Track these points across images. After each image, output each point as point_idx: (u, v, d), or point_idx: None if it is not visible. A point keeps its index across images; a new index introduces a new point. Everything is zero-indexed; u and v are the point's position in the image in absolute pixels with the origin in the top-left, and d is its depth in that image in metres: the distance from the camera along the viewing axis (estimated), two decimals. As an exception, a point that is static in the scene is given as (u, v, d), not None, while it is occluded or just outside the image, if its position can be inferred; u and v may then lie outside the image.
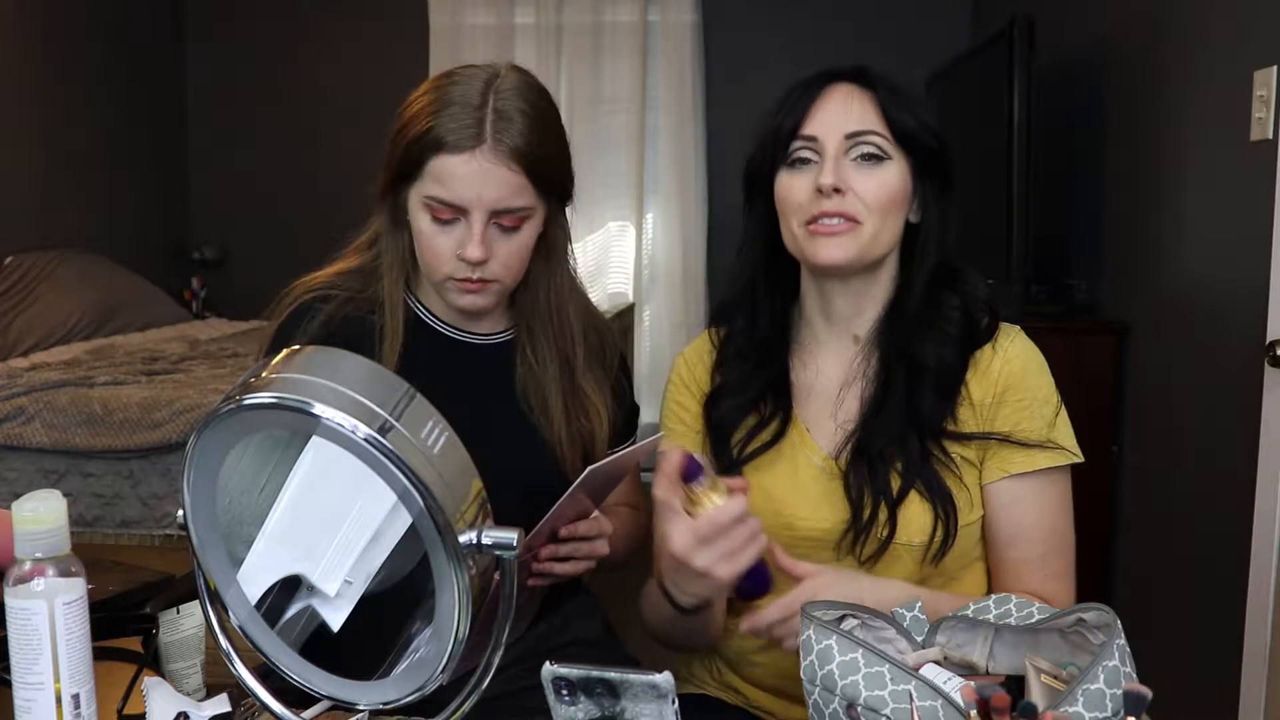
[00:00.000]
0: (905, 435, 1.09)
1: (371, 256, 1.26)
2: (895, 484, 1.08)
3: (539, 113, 1.15)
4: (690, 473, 0.93)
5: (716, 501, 0.94)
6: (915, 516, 1.08)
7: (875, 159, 1.09)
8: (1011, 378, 1.11)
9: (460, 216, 1.14)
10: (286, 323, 1.25)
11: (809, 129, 1.10)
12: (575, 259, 1.30)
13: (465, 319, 1.27)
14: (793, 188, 1.11)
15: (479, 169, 1.11)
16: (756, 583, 0.97)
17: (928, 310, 1.13)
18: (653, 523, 1.27)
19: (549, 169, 1.16)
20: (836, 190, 1.07)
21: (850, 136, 1.09)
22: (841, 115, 1.10)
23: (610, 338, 1.32)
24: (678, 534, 0.94)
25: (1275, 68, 1.88)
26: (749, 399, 1.16)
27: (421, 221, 1.16)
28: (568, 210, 1.26)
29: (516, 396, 1.24)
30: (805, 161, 1.10)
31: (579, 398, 1.24)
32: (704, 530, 0.93)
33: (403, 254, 1.23)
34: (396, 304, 1.23)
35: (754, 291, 1.19)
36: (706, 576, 0.95)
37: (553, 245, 1.25)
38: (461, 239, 1.14)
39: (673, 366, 1.27)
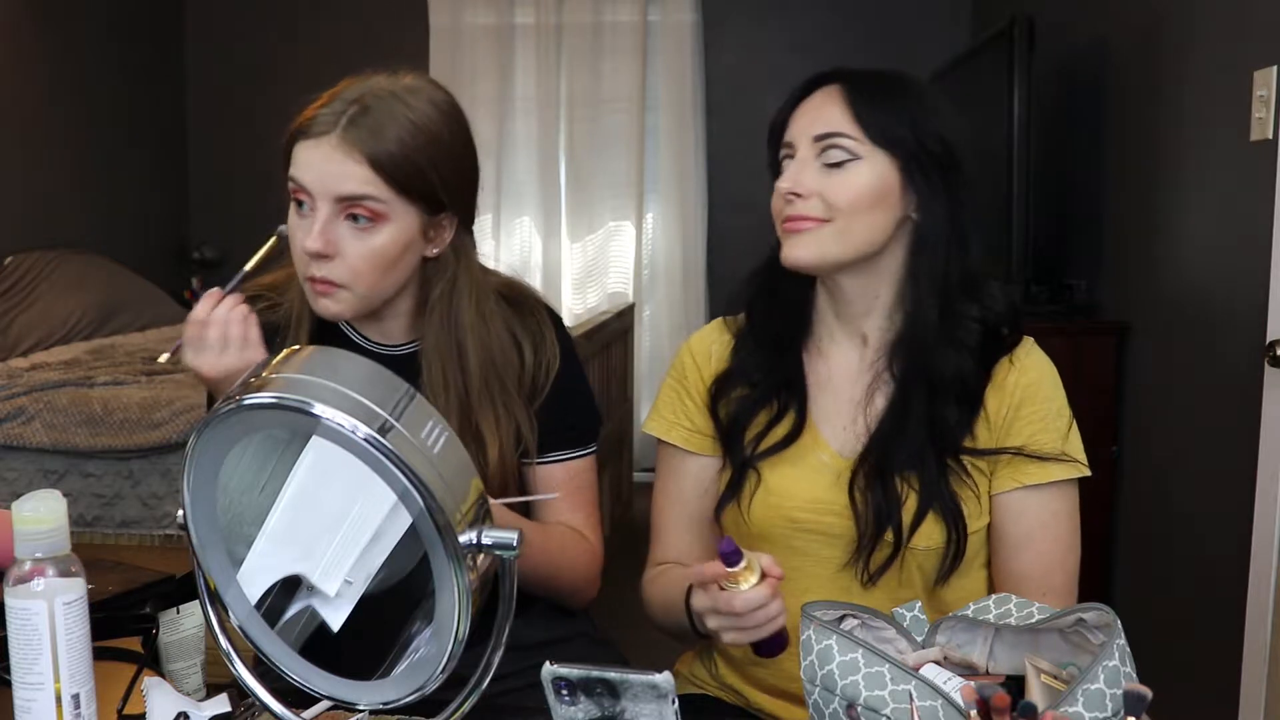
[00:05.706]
0: (924, 453, 1.08)
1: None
2: (910, 501, 1.07)
3: (417, 117, 1.12)
4: (729, 559, 0.96)
5: (751, 581, 0.96)
6: (925, 527, 1.08)
7: (843, 160, 1.08)
8: (1028, 390, 1.10)
9: (311, 206, 1.12)
10: None
11: (787, 135, 1.13)
12: (484, 278, 1.23)
13: (373, 328, 1.24)
14: (775, 192, 1.13)
15: (324, 154, 1.11)
16: (774, 643, 1.01)
17: (945, 320, 1.11)
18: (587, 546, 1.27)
19: (410, 171, 1.12)
20: (796, 194, 1.09)
21: (819, 139, 1.09)
22: (812, 119, 1.11)
23: (538, 366, 1.24)
24: (699, 599, 1.02)
25: (1275, 68, 1.88)
26: (764, 393, 1.16)
27: (291, 213, 1.15)
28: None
29: None
30: (785, 168, 1.12)
31: (471, 429, 1.19)
32: (722, 608, 0.97)
33: None
34: (303, 310, 1.23)
35: (773, 280, 1.18)
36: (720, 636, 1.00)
37: (454, 272, 1.19)
38: (309, 230, 1.13)
39: (675, 363, 1.24)
